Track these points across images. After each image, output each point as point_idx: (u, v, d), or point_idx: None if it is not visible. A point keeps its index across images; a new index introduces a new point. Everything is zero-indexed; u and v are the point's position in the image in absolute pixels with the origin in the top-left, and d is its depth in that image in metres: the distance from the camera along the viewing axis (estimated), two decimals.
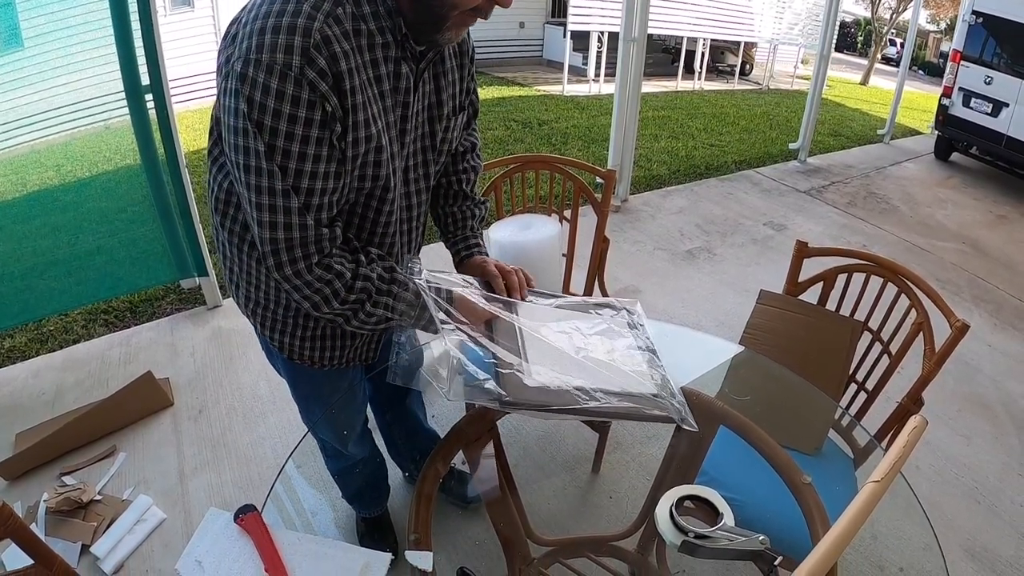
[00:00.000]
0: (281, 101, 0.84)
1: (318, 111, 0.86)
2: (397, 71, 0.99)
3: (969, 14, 6.31)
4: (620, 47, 4.32)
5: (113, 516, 2.00)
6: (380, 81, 0.96)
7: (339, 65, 0.87)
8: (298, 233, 0.94)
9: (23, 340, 2.91)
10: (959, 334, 1.47)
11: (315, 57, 0.84)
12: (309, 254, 0.97)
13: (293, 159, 0.88)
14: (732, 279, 3.81)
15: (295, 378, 1.40)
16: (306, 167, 0.90)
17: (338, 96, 0.88)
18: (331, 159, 0.92)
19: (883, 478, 0.90)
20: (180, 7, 8.13)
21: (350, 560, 0.91)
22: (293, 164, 0.89)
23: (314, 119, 0.87)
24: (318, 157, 0.90)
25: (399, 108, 1.03)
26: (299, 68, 0.83)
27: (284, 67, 0.82)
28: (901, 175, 6.45)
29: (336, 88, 0.87)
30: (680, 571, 1.59)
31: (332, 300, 1.02)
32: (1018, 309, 3.82)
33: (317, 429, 1.49)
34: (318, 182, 0.92)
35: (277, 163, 0.88)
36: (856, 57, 23.74)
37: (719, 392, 1.34)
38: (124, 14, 2.41)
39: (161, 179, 2.79)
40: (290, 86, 0.83)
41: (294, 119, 0.85)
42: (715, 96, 10.84)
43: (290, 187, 0.90)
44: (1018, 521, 2.23)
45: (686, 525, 0.88)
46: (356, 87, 0.90)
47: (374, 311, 1.06)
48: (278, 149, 0.87)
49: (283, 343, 1.24)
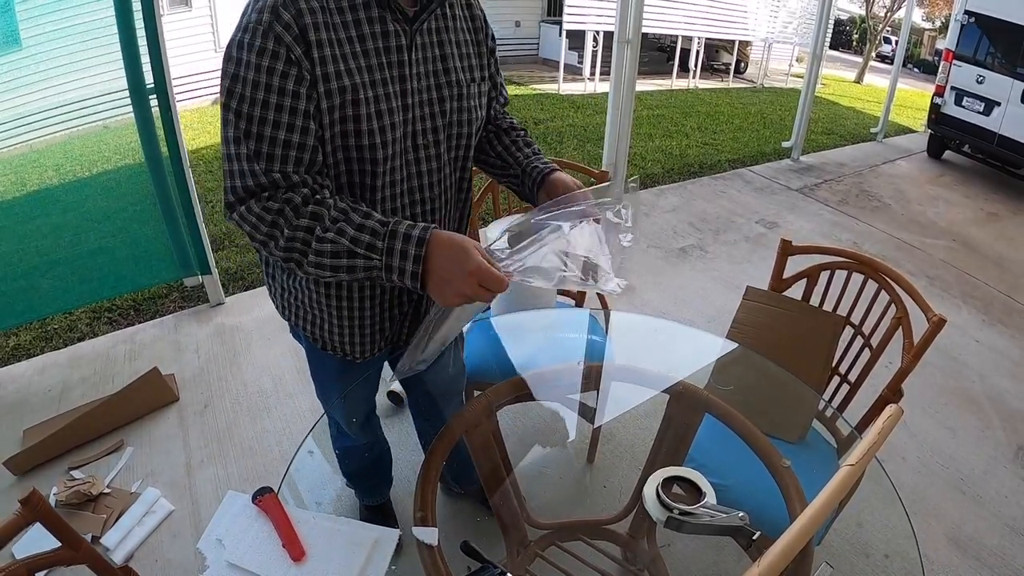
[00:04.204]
0: (248, 51, 0.93)
1: (281, 61, 0.93)
2: (384, 30, 1.03)
3: (961, 14, 6.37)
4: (615, 48, 4.37)
5: (122, 508, 2.05)
6: (364, 40, 1.01)
7: (304, 19, 0.94)
8: (250, 180, 0.96)
9: (28, 338, 2.96)
10: (936, 328, 1.53)
11: (281, 13, 0.92)
12: (263, 191, 0.97)
13: (246, 103, 0.94)
14: (724, 276, 3.88)
15: (318, 362, 1.46)
16: (258, 112, 0.94)
17: (304, 47, 0.94)
18: (294, 111, 0.95)
19: (858, 462, 0.97)
20: (177, 7, 8.13)
21: (361, 536, 0.98)
22: (245, 108, 0.94)
23: (275, 68, 0.93)
24: (278, 106, 0.94)
25: (394, 68, 1.05)
26: (267, 23, 0.92)
27: (255, 23, 0.92)
28: (893, 173, 6.51)
29: (303, 39, 0.94)
30: (667, 543, 1.66)
31: (283, 228, 0.95)
32: (1006, 305, 3.89)
33: (330, 409, 1.54)
34: (279, 132, 0.95)
35: (233, 109, 0.94)
36: (851, 55, 23.75)
37: (706, 384, 1.41)
38: (128, 14, 2.45)
39: (164, 178, 2.83)
40: (258, 38, 0.92)
41: (257, 68, 0.93)
42: (709, 94, 10.88)
43: (241, 134, 0.95)
44: (1003, 511, 2.29)
45: (671, 503, 0.95)
46: (324, 40, 0.96)
47: (330, 239, 0.94)
48: (235, 94, 0.94)
49: (314, 334, 1.29)
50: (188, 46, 7.66)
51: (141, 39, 2.52)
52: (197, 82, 7.54)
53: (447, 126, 1.16)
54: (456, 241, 0.94)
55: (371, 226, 0.95)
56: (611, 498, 1.82)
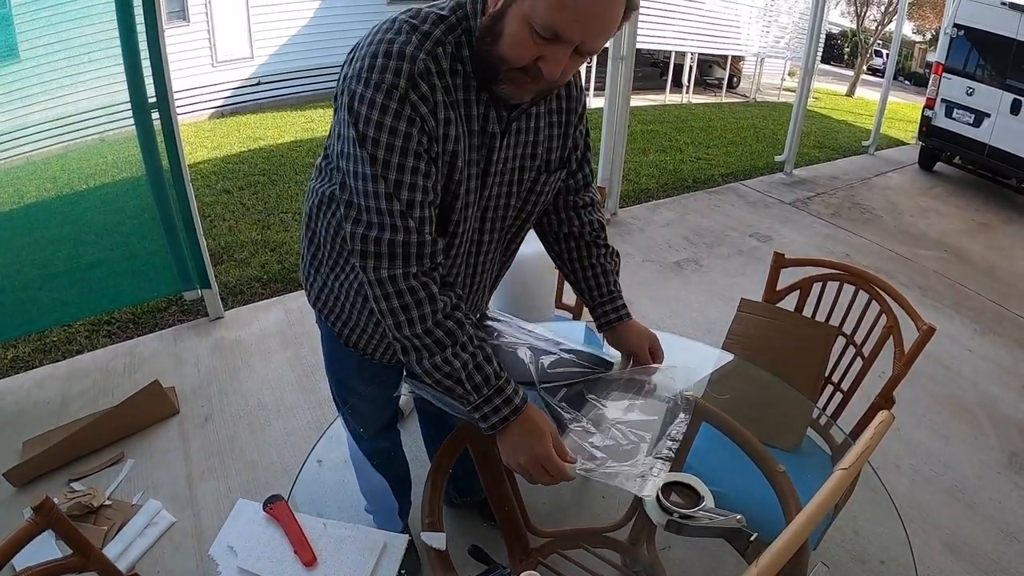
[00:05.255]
0: (385, 114, 0.93)
1: (416, 127, 0.94)
2: (487, 113, 1.04)
3: (951, 27, 6.47)
4: (609, 65, 4.42)
5: (123, 520, 2.05)
6: (470, 120, 1.03)
7: (436, 96, 0.95)
8: (402, 236, 0.98)
9: (27, 350, 2.96)
10: (926, 336, 1.57)
11: (418, 83, 0.93)
12: (409, 260, 1.00)
13: (393, 169, 0.95)
14: (719, 289, 3.92)
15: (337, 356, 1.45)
16: (405, 178, 0.96)
17: (435, 122, 0.96)
18: (428, 174, 0.98)
19: (851, 465, 1.00)
20: (175, 21, 8.19)
21: (371, 541, 1.01)
22: (393, 175, 0.95)
23: (412, 133, 0.94)
24: (416, 169, 0.96)
25: (483, 150, 1.07)
26: (404, 89, 0.92)
27: (391, 86, 0.92)
28: (885, 185, 6.59)
29: (434, 115, 0.96)
30: (666, 547, 1.69)
31: (417, 323, 1.01)
32: (998, 314, 3.94)
33: (345, 410, 1.53)
34: (417, 194, 0.98)
35: (379, 171, 0.95)
36: (843, 68, 23.97)
37: (703, 393, 1.44)
38: (131, 28, 2.48)
39: (165, 191, 2.84)
40: (394, 103, 0.92)
41: (395, 132, 0.93)
42: (703, 109, 10.97)
43: (392, 192, 0.96)
44: (997, 517, 2.32)
45: (671, 507, 0.98)
46: (449, 119, 0.98)
47: (452, 361, 1.02)
48: (379, 160, 0.95)
49: (342, 332, 1.32)
50: (186, 60, 7.72)
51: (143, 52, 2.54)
52: (194, 96, 7.58)
53: (517, 204, 1.21)
54: (538, 424, 1.05)
55: (487, 372, 1.03)
56: (610, 507, 1.84)
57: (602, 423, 1.16)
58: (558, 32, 0.87)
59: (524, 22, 0.88)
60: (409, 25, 0.95)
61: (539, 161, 1.18)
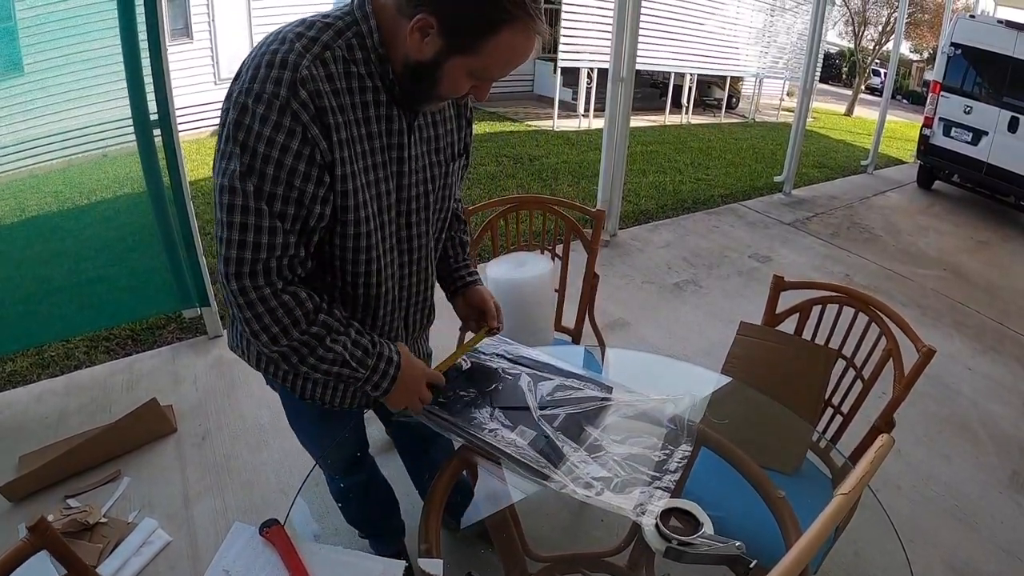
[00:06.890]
0: (265, 125, 0.93)
1: (297, 139, 0.94)
2: (388, 114, 1.06)
3: (948, 46, 6.53)
4: (608, 87, 4.45)
5: (119, 538, 2.03)
6: (369, 122, 1.03)
7: (321, 100, 0.95)
8: (265, 253, 0.98)
9: (25, 364, 2.96)
10: (926, 358, 1.57)
11: (299, 90, 0.93)
12: (273, 277, 1.01)
13: (268, 181, 0.95)
14: (718, 310, 3.91)
15: (295, 410, 1.46)
16: (279, 191, 0.96)
17: (320, 128, 0.96)
18: (304, 190, 0.98)
19: (851, 490, 1.00)
20: (179, 39, 8.25)
21: (367, 568, 1.00)
22: (267, 187, 0.95)
23: (291, 147, 0.94)
24: (291, 184, 0.96)
25: (394, 150, 1.09)
26: (285, 98, 0.92)
27: (272, 96, 0.92)
28: (884, 204, 6.62)
29: (319, 120, 0.96)
30: (665, 574, 1.67)
31: (292, 329, 1.03)
32: (998, 332, 3.94)
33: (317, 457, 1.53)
34: (290, 207, 0.97)
35: (253, 183, 0.95)
36: (841, 88, 24.15)
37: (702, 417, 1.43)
38: (134, 45, 2.50)
39: (165, 208, 2.84)
40: (274, 113, 0.93)
41: (273, 143, 0.93)
42: (702, 130, 11.04)
43: (263, 207, 0.96)
44: (999, 537, 2.31)
45: (670, 533, 0.97)
46: (340, 123, 0.98)
47: (332, 347, 1.06)
48: (255, 170, 0.94)
49: (294, 385, 1.30)
50: (189, 78, 7.74)
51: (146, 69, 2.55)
52: (196, 114, 7.59)
53: (435, 201, 1.23)
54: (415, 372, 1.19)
55: (363, 344, 1.10)
56: (608, 532, 1.83)
57: (600, 453, 1.17)
58: (495, 77, 1.02)
59: (466, 72, 0.99)
60: (294, 34, 0.97)
61: (444, 156, 1.21)
